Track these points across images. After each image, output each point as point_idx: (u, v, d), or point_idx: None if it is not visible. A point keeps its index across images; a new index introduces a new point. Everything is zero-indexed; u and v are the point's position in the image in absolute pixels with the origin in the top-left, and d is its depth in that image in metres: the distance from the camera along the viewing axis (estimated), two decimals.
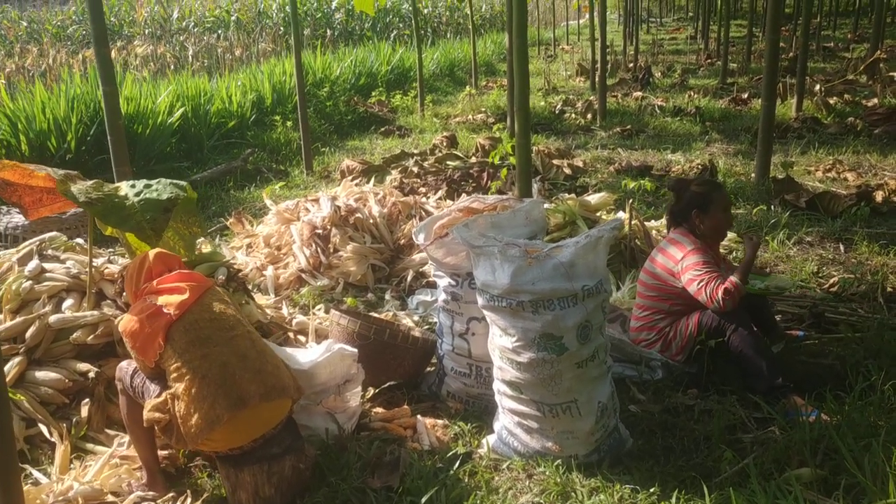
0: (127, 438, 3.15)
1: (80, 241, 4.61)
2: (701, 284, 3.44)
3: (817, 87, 11.43)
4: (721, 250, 5.16)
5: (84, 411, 3.31)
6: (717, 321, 3.47)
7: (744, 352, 3.40)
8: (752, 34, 17.76)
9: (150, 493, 2.89)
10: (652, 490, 2.78)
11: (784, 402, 3.25)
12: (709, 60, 18.53)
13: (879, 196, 6.31)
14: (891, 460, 2.46)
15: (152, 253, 3.05)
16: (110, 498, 2.88)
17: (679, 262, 3.56)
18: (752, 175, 7.21)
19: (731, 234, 5.58)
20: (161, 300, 2.82)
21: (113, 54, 10.84)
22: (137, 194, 3.37)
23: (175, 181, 3.56)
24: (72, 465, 3.08)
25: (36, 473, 3.05)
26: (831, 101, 10.69)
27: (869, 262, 5.04)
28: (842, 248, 5.36)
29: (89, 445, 3.23)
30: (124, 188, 3.46)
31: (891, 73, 12.57)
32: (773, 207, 6.26)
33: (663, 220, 5.65)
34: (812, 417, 3.03)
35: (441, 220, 3.59)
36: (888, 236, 5.49)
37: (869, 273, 4.81)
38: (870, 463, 2.55)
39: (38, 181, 3.59)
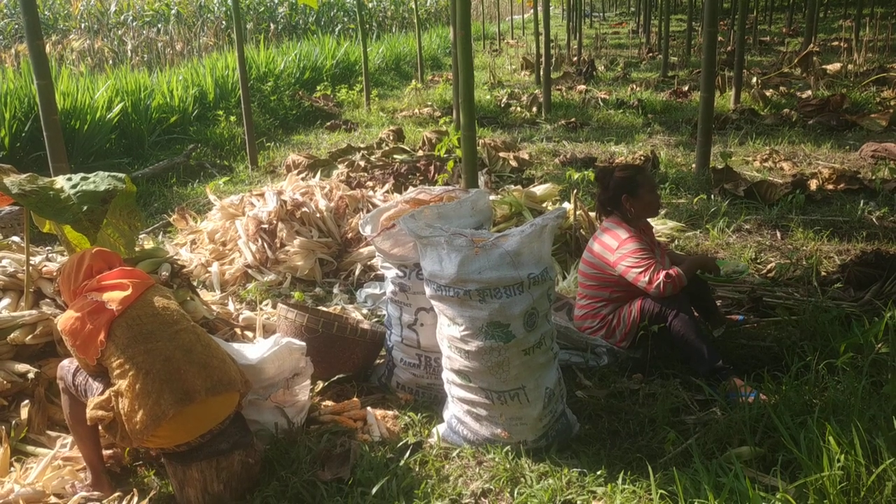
0: (70, 440, 3.09)
1: (16, 238, 4.48)
2: (639, 271, 3.52)
3: (754, 79, 11.73)
4: (663, 239, 5.30)
5: (24, 413, 3.22)
6: (658, 307, 3.55)
7: (685, 336, 3.49)
8: (692, 28, 18.16)
9: (95, 493, 2.84)
10: (599, 473, 2.83)
11: (725, 384, 3.34)
12: (650, 54, 18.86)
13: (813, 184, 6.53)
14: (825, 436, 2.55)
15: (92, 250, 2.99)
16: (53, 500, 2.82)
17: (615, 251, 3.63)
18: (693, 165, 7.37)
19: (672, 223, 5.71)
20: (104, 296, 2.76)
21: (48, 49, 10.55)
22: (74, 186, 3.29)
23: (113, 174, 3.49)
24: (12, 468, 3.00)
25: None
26: (768, 94, 11.00)
27: (804, 248, 5.21)
28: (778, 234, 5.53)
29: (30, 448, 3.14)
30: (60, 181, 3.37)
31: (824, 66, 12.97)
32: (712, 196, 6.42)
33: None
34: (751, 398, 3.12)
35: (388, 212, 3.60)
36: (822, 223, 5.68)
37: (804, 258, 4.97)
38: (805, 439, 2.64)
39: None
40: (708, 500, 2.44)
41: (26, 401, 3.25)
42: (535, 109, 11.52)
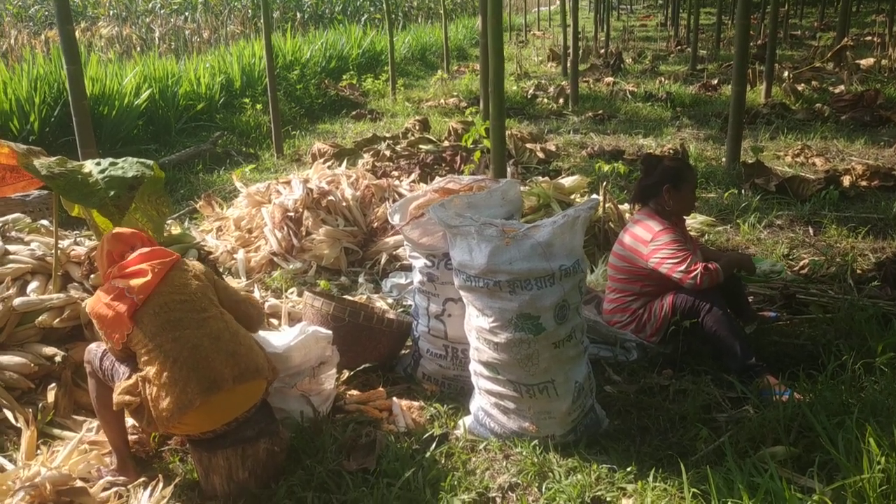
0: (96, 424, 3.08)
1: (44, 222, 4.50)
2: (675, 262, 3.45)
3: (786, 73, 11.54)
4: (693, 233, 5.21)
5: (50, 396, 3.22)
6: (691, 302, 3.48)
7: (717, 332, 3.42)
8: (721, 21, 17.92)
9: (121, 478, 2.83)
10: (629, 469, 2.78)
11: (757, 382, 3.27)
12: (679, 47, 18.64)
13: (847, 180, 6.40)
14: (864, 437, 2.48)
15: (109, 234, 2.91)
16: (79, 483, 2.81)
17: (648, 243, 3.56)
18: (723, 160, 7.26)
19: (703, 218, 5.62)
20: (124, 284, 2.72)
21: (77, 35, 10.63)
22: (102, 171, 3.28)
23: (142, 160, 3.47)
24: (39, 451, 3.00)
25: (1, 459, 2.96)
26: (799, 88, 10.81)
27: (838, 245, 5.10)
28: (811, 231, 5.42)
29: (56, 431, 3.15)
30: (89, 165, 3.36)
31: (857, 61, 12.73)
32: (743, 191, 6.31)
33: None
34: (785, 396, 3.05)
35: (417, 201, 3.55)
36: (856, 219, 5.56)
37: (838, 255, 4.87)
38: (843, 440, 2.57)
39: (1, 157, 3.47)
40: (742, 501, 2.37)
41: (53, 384, 3.26)
42: (562, 101, 11.42)
